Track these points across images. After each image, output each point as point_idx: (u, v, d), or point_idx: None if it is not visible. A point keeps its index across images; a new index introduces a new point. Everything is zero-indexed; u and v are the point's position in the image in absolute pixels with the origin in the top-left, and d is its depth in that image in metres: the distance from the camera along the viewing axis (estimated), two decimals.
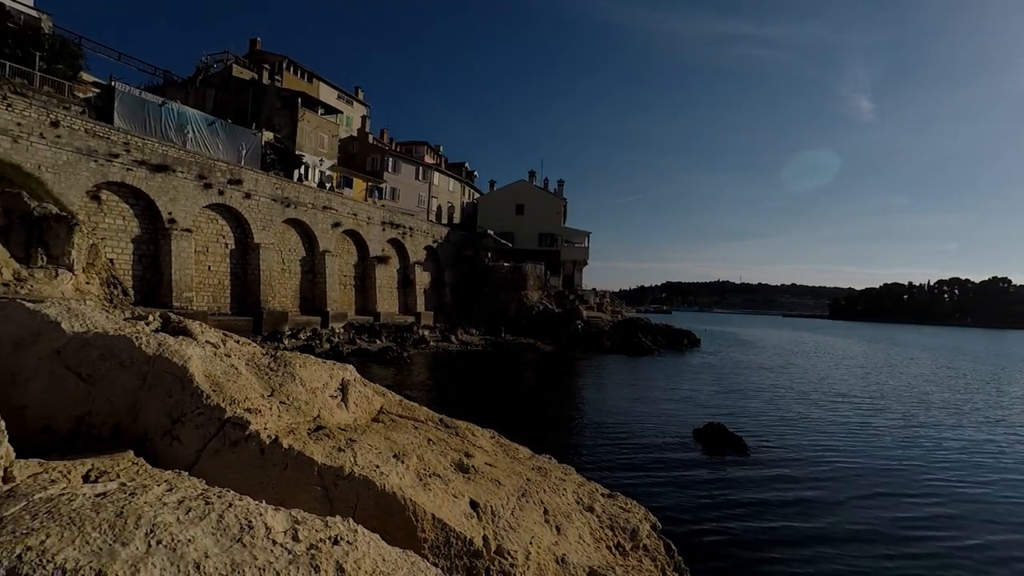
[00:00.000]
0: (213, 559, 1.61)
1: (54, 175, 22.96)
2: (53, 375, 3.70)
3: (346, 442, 3.92)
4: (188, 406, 3.49)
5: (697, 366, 38.79)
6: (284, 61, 49.99)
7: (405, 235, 46.76)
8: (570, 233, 63.05)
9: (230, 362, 4.20)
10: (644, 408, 21.65)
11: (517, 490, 4.76)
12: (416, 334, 39.22)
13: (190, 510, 1.80)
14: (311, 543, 1.88)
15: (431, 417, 6.24)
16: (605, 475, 10.75)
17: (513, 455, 6.35)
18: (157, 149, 27.55)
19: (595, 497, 5.56)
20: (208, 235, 30.48)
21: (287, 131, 42.31)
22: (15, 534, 1.48)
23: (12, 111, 21.87)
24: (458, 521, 3.72)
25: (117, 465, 2.89)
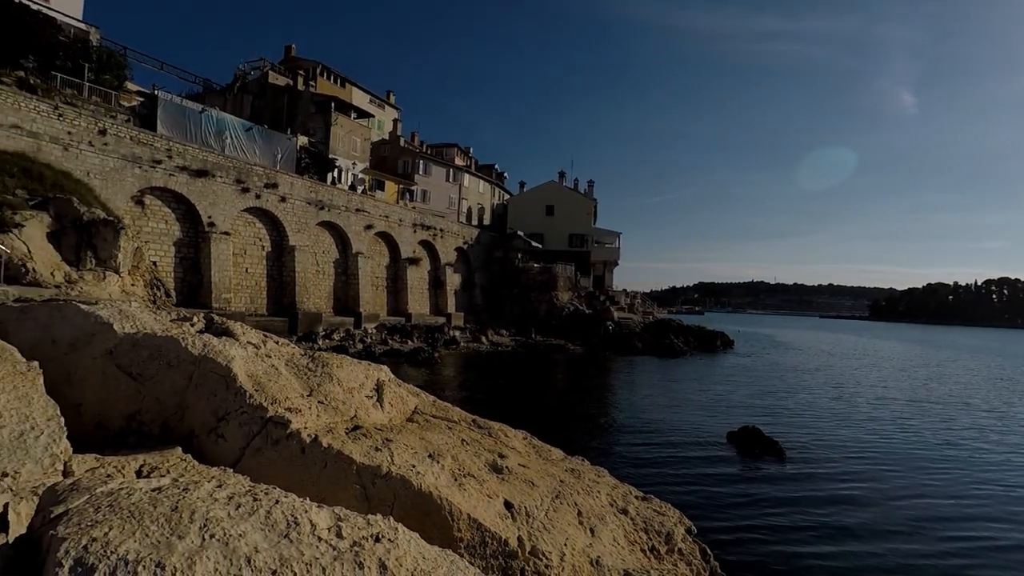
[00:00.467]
0: (263, 554, 1.66)
1: (102, 181, 23.90)
2: (106, 374, 3.87)
3: (383, 442, 3.99)
4: (232, 405, 3.61)
5: (731, 368, 38.09)
6: (318, 67, 51.04)
7: (436, 237, 47.17)
8: (600, 234, 62.66)
9: (271, 362, 4.32)
10: (677, 410, 21.37)
11: (551, 491, 4.77)
12: (447, 335, 39.52)
13: (240, 506, 1.86)
14: (354, 540, 1.93)
15: (464, 418, 6.30)
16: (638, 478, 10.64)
17: (546, 456, 6.36)
18: (197, 155, 28.44)
19: (629, 500, 5.52)
20: (245, 238, 31.30)
21: (321, 135, 43.16)
22: (80, 526, 1.56)
23: (63, 120, 22.86)
24: (493, 521, 3.75)
25: (167, 461, 3.01)
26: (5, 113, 21.10)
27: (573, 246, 60.34)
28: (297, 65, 50.19)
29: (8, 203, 18.59)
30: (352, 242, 38.08)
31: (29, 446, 2.48)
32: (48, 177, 21.00)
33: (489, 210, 64.36)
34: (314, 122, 43.73)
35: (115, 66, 29.95)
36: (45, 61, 25.71)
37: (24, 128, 21.58)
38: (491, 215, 64.47)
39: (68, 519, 1.60)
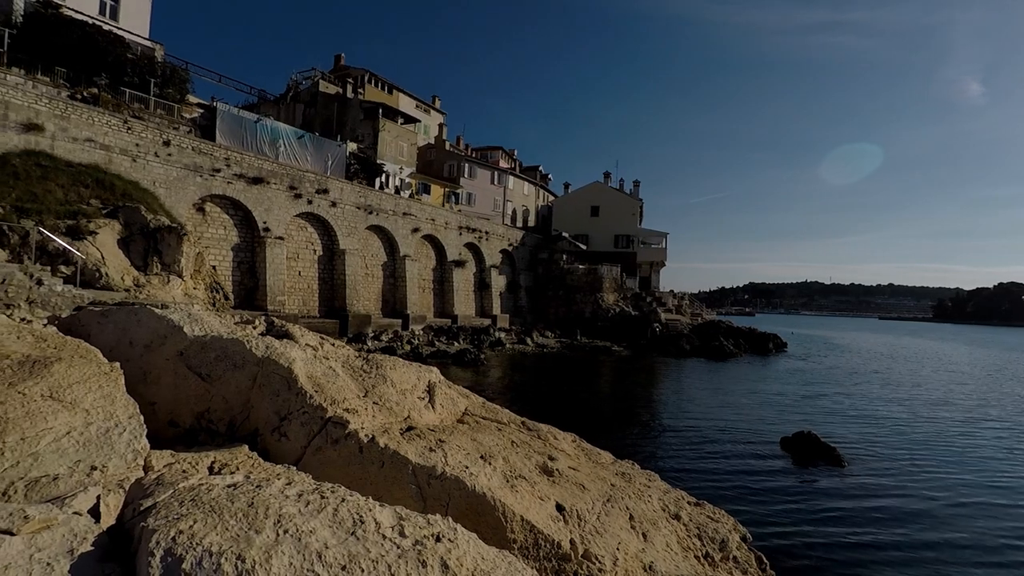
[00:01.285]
0: (332, 550, 1.73)
1: (166, 190, 25.19)
2: (177, 374, 4.09)
3: (436, 443, 4.06)
4: (294, 405, 3.75)
5: (784, 371, 36.85)
6: (366, 74, 52.28)
7: (481, 239, 47.54)
8: (647, 234, 61.74)
9: (328, 364, 4.46)
10: (727, 414, 20.83)
11: (602, 495, 4.75)
12: (493, 336, 39.76)
13: (309, 503, 1.94)
14: (416, 539, 1.98)
15: (513, 419, 6.34)
16: (689, 483, 10.44)
17: (595, 460, 6.32)
18: (253, 163, 29.60)
19: (681, 505, 5.43)
20: (298, 242, 32.37)
21: (369, 141, 44.19)
22: (168, 518, 1.66)
23: (132, 133, 24.23)
24: (545, 523, 3.76)
25: (235, 458, 3.15)
26: (80, 128, 22.53)
27: (619, 247, 59.69)
28: (346, 73, 51.56)
29: (83, 212, 19.84)
30: (400, 245, 38.81)
31: (114, 442, 2.65)
32: (118, 187, 22.30)
33: (534, 212, 64.39)
34: (363, 128, 44.82)
35: (178, 80, 31.49)
36: (115, 77, 27.30)
37: (97, 141, 22.98)
38: (536, 217, 64.48)
39: (156, 512, 1.71)
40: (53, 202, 19.44)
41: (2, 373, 2.76)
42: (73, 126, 22.32)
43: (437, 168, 53.43)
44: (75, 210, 19.72)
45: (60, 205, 19.53)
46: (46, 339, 3.46)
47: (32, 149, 20.86)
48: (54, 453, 2.42)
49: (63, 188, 20.37)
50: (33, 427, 2.47)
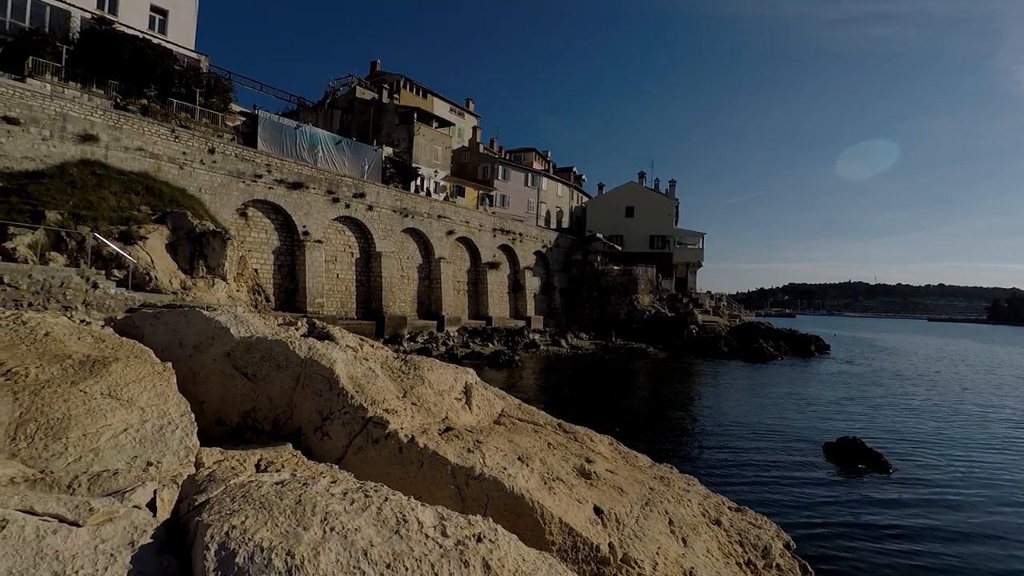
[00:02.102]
0: (377, 548, 1.76)
1: (211, 196, 26.07)
2: (225, 374, 4.22)
3: (474, 443, 4.09)
4: (336, 405, 3.83)
5: (826, 374, 35.75)
6: (401, 80, 53.05)
7: (515, 241, 47.63)
8: (683, 234, 60.79)
9: (368, 365, 4.55)
10: (767, 418, 20.32)
11: (640, 498, 4.69)
12: (527, 338, 39.76)
13: (354, 502, 1.97)
14: (458, 539, 1.99)
15: (549, 421, 6.32)
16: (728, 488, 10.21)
17: (633, 463, 6.25)
18: (293, 168, 30.38)
19: (722, 510, 5.32)
20: (336, 245, 33.05)
21: (404, 145, 44.81)
22: (221, 514, 1.72)
23: (179, 142, 25.17)
24: (584, 526, 3.74)
25: (280, 456, 3.24)
26: (132, 138, 23.53)
27: (654, 248, 58.94)
28: (382, 79, 52.42)
29: (134, 218, 20.69)
30: (435, 247, 39.21)
31: (168, 439, 2.75)
32: (166, 193, 23.20)
33: (568, 213, 64.17)
34: (398, 133, 45.48)
35: (221, 90, 32.56)
36: (164, 89, 28.41)
37: (147, 150, 23.95)
38: (570, 218, 64.25)
39: (210, 507, 1.77)
40: (107, 209, 20.35)
41: (65, 372, 2.90)
42: (125, 136, 23.32)
43: (471, 171, 53.79)
44: (127, 216, 20.60)
45: (113, 211, 20.42)
46: (104, 340, 3.63)
47: (88, 159, 21.89)
48: (113, 449, 2.53)
49: (116, 195, 21.30)
50: (94, 424, 2.59)
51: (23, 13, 26.45)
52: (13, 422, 2.43)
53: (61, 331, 3.47)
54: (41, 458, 2.28)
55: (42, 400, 2.60)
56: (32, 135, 20.59)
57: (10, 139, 20.01)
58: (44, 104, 21.14)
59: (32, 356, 3.00)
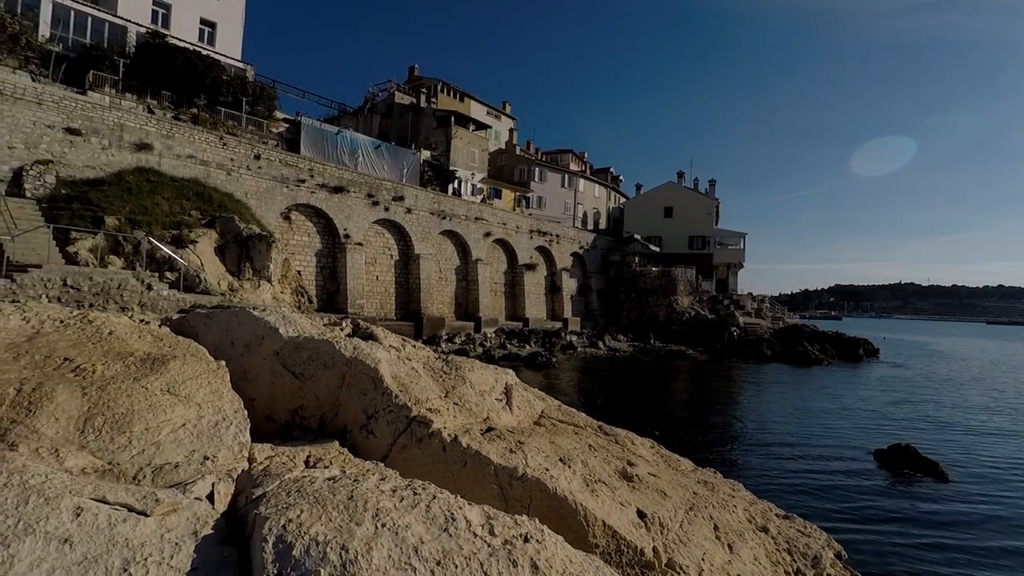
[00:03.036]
0: (427, 545, 1.78)
1: (256, 200, 26.91)
2: (274, 373, 4.35)
3: (516, 444, 4.09)
4: (380, 404, 3.90)
5: (876, 379, 34.40)
6: (439, 84, 53.67)
7: (552, 242, 47.54)
8: (723, 235, 59.54)
9: (411, 365, 4.61)
10: (814, 423, 19.68)
11: (684, 503, 4.61)
12: (564, 339, 39.61)
13: (403, 499, 2.00)
14: (506, 538, 2.00)
15: (590, 423, 6.27)
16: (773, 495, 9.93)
17: (675, 466, 6.15)
18: (334, 173, 31.09)
19: (769, 517, 5.17)
20: (376, 248, 33.65)
21: (442, 148, 45.30)
22: (278, 507, 1.77)
23: (227, 149, 26.08)
24: (627, 529, 3.70)
25: (328, 453, 3.31)
26: (183, 145, 24.51)
27: (694, 248, 57.91)
28: (420, 84, 53.16)
29: (185, 223, 21.54)
30: (472, 249, 39.48)
31: (222, 434, 2.85)
32: (215, 199, 24.07)
33: (605, 214, 63.69)
34: (435, 136, 46.01)
35: (266, 98, 33.61)
36: (212, 98, 29.51)
37: (197, 157, 24.91)
38: (607, 219, 63.75)
39: (267, 501, 1.82)
40: (160, 214, 21.24)
41: (127, 369, 3.03)
42: (177, 144, 24.31)
43: (508, 173, 53.97)
44: (178, 221, 21.46)
45: (166, 216, 21.31)
46: (162, 339, 3.78)
47: (143, 166, 22.91)
48: (173, 443, 2.63)
49: (168, 201, 22.22)
50: (155, 419, 2.70)
51: (84, 30, 27.90)
52: (82, 416, 2.56)
53: (123, 330, 3.64)
54: (108, 450, 2.40)
55: (108, 395, 2.72)
56: (93, 145, 21.67)
57: (73, 149, 21.11)
58: (103, 115, 22.23)
59: (98, 353, 3.15)
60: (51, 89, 21.82)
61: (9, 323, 3.24)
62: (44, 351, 3.03)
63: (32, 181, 19.48)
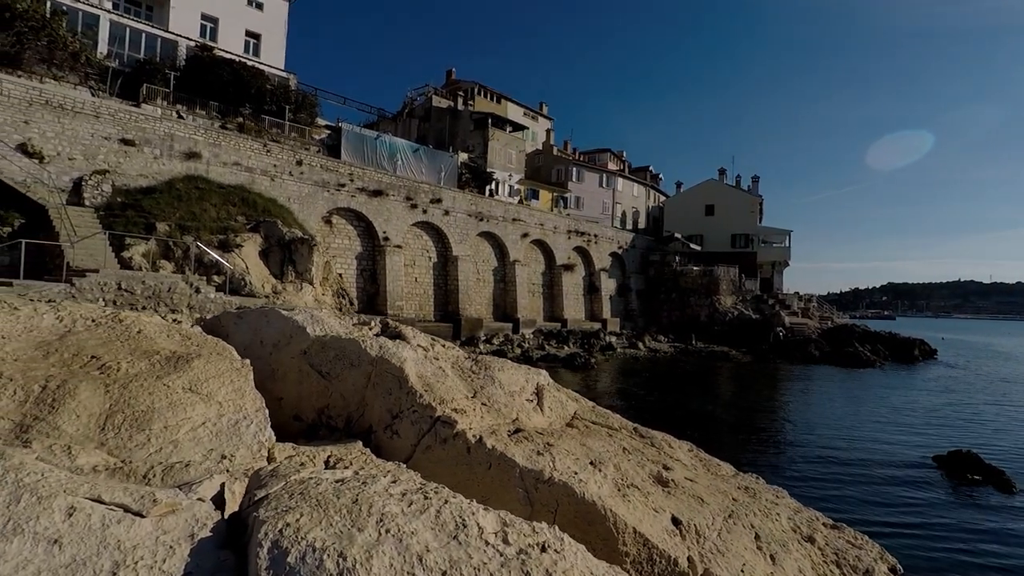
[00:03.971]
0: (433, 553, 1.67)
1: (299, 205, 27.56)
2: (301, 372, 4.34)
3: (544, 446, 3.96)
4: (405, 404, 3.83)
5: (933, 381, 32.68)
6: (475, 87, 53.95)
7: (590, 242, 47.09)
8: (767, 232, 57.79)
9: (438, 364, 4.53)
10: (866, 427, 18.78)
11: (723, 510, 4.38)
12: (603, 340, 39.15)
13: (412, 503, 1.90)
14: (520, 548, 1.87)
15: (624, 425, 6.07)
16: (821, 503, 9.46)
17: (714, 471, 5.88)
18: (374, 176, 31.59)
19: (815, 527, 4.87)
20: (415, 250, 34.00)
21: (479, 150, 45.49)
22: (277, 510, 1.70)
23: (271, 155, 26.82)
24: (660, 537, 3.51)
25: (350, 453, 3.25)
26: (229, 153, 25.32)
27: (736, 247, 56.41)
28: (457, 87, 53.56)
29: (232, 228, 22.21)
30: (509, 251, 39.46)
31: (242, 433, 2.82)
32: (259, 204, 24.76)
33: (644, 213, 62.73)
34: (473, 138, 46.23)
35: (308, 106, 34.44)
36: (257, 107, 30.42)
37: (242, 164, 25.69)
38: (646, 218, 62.77)
39: (267, 503, 1.75)
40: (208, 219, 21.98)
41: (152, 367, 3.05)
42: (223, 152, 25.13)
43: (545, 173, 53.77)
44: (225, 226, 22.16)
45: (213, 222, 22.03)
46: (190, 338, 3.81)
47: (192, 174, 23.76)
48: (191, 441, 2.61)
49: (215, 207, 22.97)
50: (175, 416, 2.69)
51: (139, 46, 29.20)
52: (103, 413, 2.56)
53: (152, 329, 3.68)
54: (125, 448, 2.39)
55: (130, 393, 2.73)
56: (145, 154, 22.61)
57: (127, 159, 22.07)
58: (155, 126, 23.17)
59: (124, 352, 3.18)
60: (108, 103, 22.88)
61: (42, 322, 3.32)
62: (73, 349, 3.07)
63: (90, 190, 20.44)
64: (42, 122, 20.01)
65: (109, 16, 28.69)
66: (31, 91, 20.09)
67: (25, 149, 19.40)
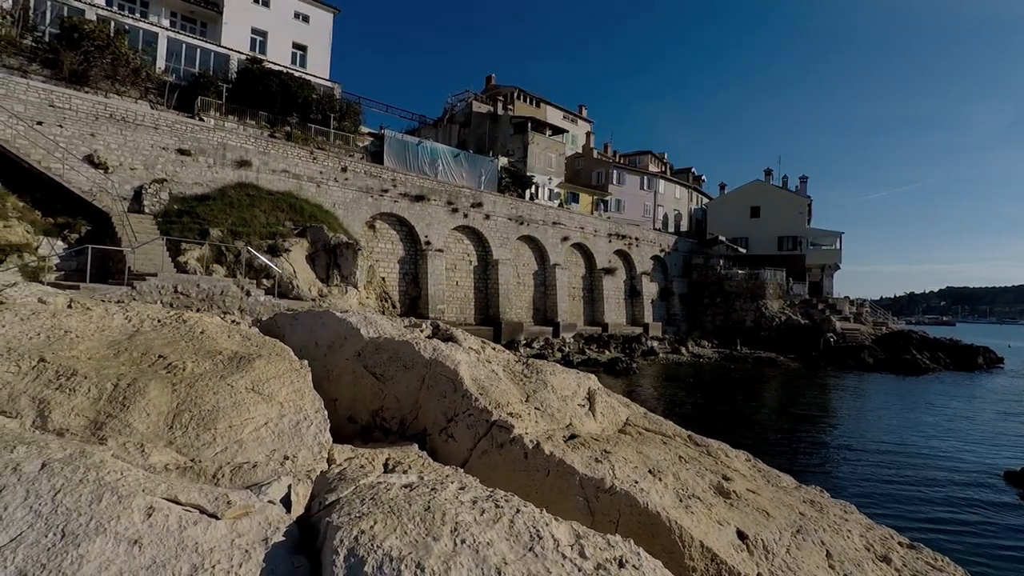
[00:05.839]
0: (511, 566, 1.58)
1: (344, 211, 28.15)
2: (355, 373, 4.34)
3: (602, 453, 3.83)
4: (460, 407, 3.77)
5: (999, 390, 30.83)
6: (515, 91, 54.11)
7: (631, 246, 46.50)
8: (816, 234, 55.83)
9: (491, 367, 4.47)
10: (928, 439, 17.82)
11: (790, 524, 4.15)
12: (645, 345, 38.51)
13: (484, 512, 1.82)
14: (598, 562, 1.77)
15: (679, 433, 5.87)
16: (885, 520, 8.96)
17: (775, 483, 5.62)
18: (416, 182, 32.00)
19: (891, 546, 4.58)
20: (456, 254, 34.25)
21: (519, 154, 45.56)
22: (350, 516, 1.64)
23: (317, 162, 27.50)
24: (728, 552, 3.34)
25: (407, 456, 3.21)
26: (277, 161, 26.08)
27: (784, 249, 54.68)
28: (496, 92, 53.84)
29: (280, 233, 22.83)
30: (550, 254, 39.32)
31: (303, 434, 2.80)
32: (306, 210, 25.39)
33: (686, 216, 61.58)
34: (512, 143, 46.35)
35: (352, 114, 35.20)
36: (304, 116, 31.27)
37: (290, 171, 26.42)
38: (689, 221, 61.60)
39: (340, 508, 1.70)
40: (257, 225, 22.66)
41: (215, 367, 3.07)
42: (272, 160, 25.90)
43: (585, 176, 53.44)
44: (273, 231, 22.79)
45: (263, 227, 22.69)
46: (250, 338, 3.86)
47: (243, 182, 24.57)
48: (254, 442, 2.60)
49: (265, 213, 23.67)
50: (238, 416, 2.69)
51: (194, 60, 30.45)
52: (171, 411, 2.58)
53: (214, 329, 3.74)
54: (192, 447, 2.39)
55: (195, 392, 2.75)
56: (200, 164, 23.51)
57: (184, 168, 22.99)
58: (209, 136, 24.07)
59: (189, 351, 3.22)
60: (166, 115, 23.91)
61: (113, 322, 3.40)
62: (141, 348, 3.13)
63: (149, 198, 21.36)
64: (107, 134, 21.04)
65: (167, 33, 30.02)
66: (97, 106, 21.17)
67: (92, 160, 20.43)
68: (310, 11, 37.97)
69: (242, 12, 34.58)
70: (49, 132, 19.57)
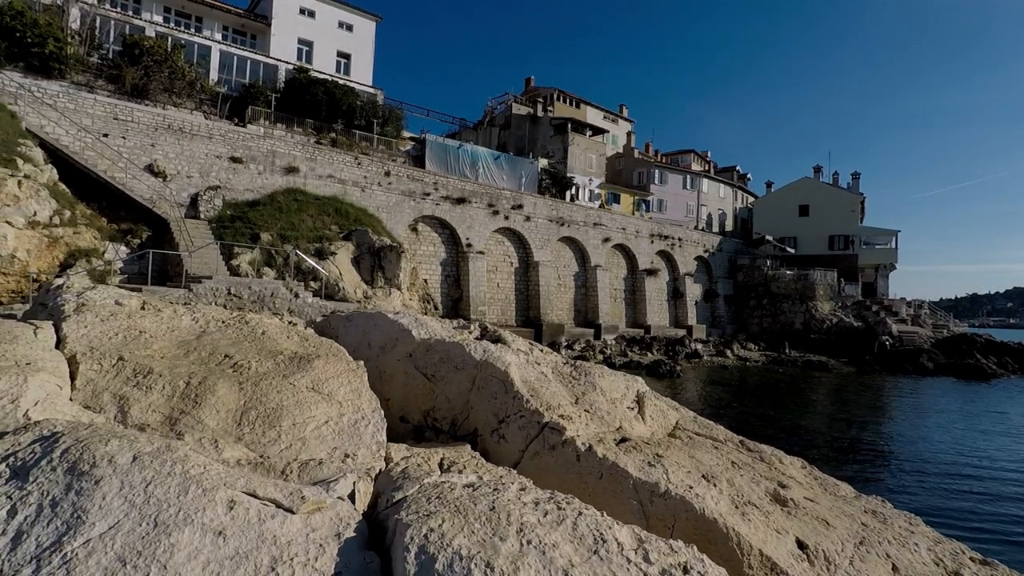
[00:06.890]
0: (577, 568, 1.58)
1: (387, 214, 28.67)
2: (407, 374, 4.42)
3: (654, 457, 3.78)
4: (511, 408, 3.79)
5: None
6: (554, 92, 54.02)
7: (674, 246, 45.71)
8: (870, 233, 53.62)
9: (540, 369, 4.47)
10: (996, 449, 16.85)
11: (852, 535, 4.00)
12: (688, 347, 37.79)
13: (547, 513, 1.82)
14: (663, 567, 1.75)
15: (730, 437, 5.74)
16: (958, 535, 8.51)
17: (833, 491, 5.42)
18: (457, 185, 32.31)
19: (962, 561, 4.35)
20: (496, 256, 34.40)
21: (559, 156, 45.44)
22: (419, 514, 1.68)
23: (361, 167, 28.11)
24: (787, 562, 3.24)
25: (461, 456, 3.24)
26: (323, 167, 26.79)
27: (835, 249, 52.72)
28: (536, 94, 53.86)
29: (326, 236, 23.43)
30: (591, 255, 39.05)
31: (362, 433, 2.87)
32: (351, 213, 25.97)
33: (731, 215, 60.13)
34: (552, 144, 46.27)
35: (395, 119, 35.84)
36: (348, 122, 32.03)
37: (335, 177, 27.09)
38: (733, 220, 60.14)
39: (407, 506, 1.74)
40: (305, 229, 23.31)
41: (278, 366, 3.18)
42: (318, 166, 26.62)
43: (626, 177, 52.87)
44: (320, 235, 23.41)
45: (310, 231, 23.34)
46: (307, 339, 3.97)
47: (291, 187, 25.34)
48: (317, 439, 2.68)
49: (312, 217, 24.34)
50: (301, 414, 2.78)
51: (244, 72, 31.61)
52: (239, 409, 2.68)
53: (274, 330, 3.87)
54: (260, 443, 2.48)
55: (260, 391, 2.85)
56: (251, 171, 24.37)
57: (235, 175, 23.87)
58: (259, 144, 24.92)
59: (253, 351, 3.35)
60: (219, 125, 24.89)
61: (181, 323, 3.56)
62: (209, 348, 3.27)
63: (205, 204, 22.27)
64: (165, 144, 22.05)
65: (219, 47, 31.27)
66: (156, 117, 22.22)
67: (152, 169, 21.45)
68: (353, 20, 38.86)
69: (289, 23, 35.70)
70: (113, 143, 20.65)
